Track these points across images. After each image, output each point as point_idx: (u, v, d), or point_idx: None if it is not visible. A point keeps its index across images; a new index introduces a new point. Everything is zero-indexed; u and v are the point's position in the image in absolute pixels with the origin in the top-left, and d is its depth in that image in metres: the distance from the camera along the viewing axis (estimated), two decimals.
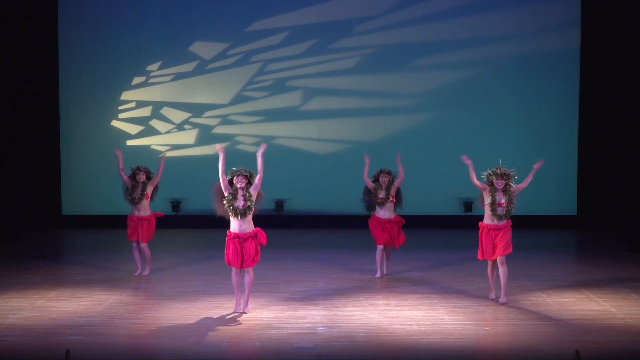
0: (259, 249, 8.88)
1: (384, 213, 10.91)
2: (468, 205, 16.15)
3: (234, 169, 8.96)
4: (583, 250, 14.49)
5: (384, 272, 11.14)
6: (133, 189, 11.05)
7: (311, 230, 16.08)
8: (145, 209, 11.13)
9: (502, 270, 9.29)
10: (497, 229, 9.23)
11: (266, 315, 8.86)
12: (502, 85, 16.40)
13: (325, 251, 13.49)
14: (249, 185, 8.80)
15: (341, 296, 9.86)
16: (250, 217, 8.80)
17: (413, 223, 13.13)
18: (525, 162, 15.80)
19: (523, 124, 16.38)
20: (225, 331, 8.27)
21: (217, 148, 9.05)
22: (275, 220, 16.19)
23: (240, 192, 8.74)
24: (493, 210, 9.21)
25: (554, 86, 16.30)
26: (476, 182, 9.43)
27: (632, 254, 12.97)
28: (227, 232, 8.87)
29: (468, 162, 9.55)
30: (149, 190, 11.07)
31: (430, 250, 13.59)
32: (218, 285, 10.24)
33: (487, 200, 9.27)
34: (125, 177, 11.13)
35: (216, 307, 9.20)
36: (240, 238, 8.76)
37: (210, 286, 10.34)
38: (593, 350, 7.51)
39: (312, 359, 7.30)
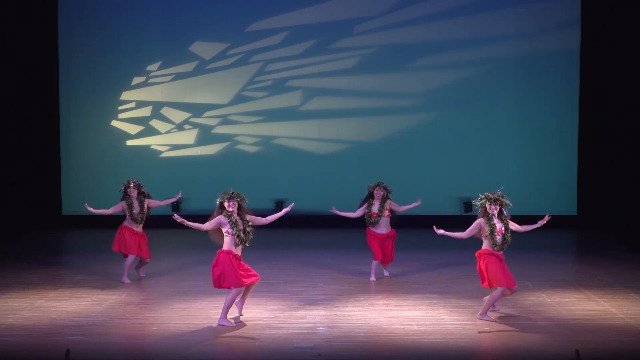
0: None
1: (381, 228, 10.91)
2: (468, 205, 16.14)
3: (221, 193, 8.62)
4: (583, 250, 14.49)
5: (386, 274, 11.12)
6: (131, 208, 10.70)
7: (311, 230, 16.08)
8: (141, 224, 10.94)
9: (495, 295, 8.78)
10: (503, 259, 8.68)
11: (266, 315, 8.86)
12: (502, 85, 16.40)
13: (325, 251, 13.49)
14: (240, 210, 8.51)
15: (341, 296, 9.86)
16: None
17: (413, 223, 13.13)
18: (526, 162, 16.08)
19: (523, 124, 16.38)
20: (225, 331, 8.27)
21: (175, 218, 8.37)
22: (275, 220, 16.15)
23: (239, 220, 8.44)
24: (494, 241, 8.58)
25: (554, 86, 16.30)
26: (469, 232, 8.68)
27: (632, 254, 12.97)
28: (221, 254, 8.45)
29: (440, 232, 8.64)
30: (144, 206, 10.79)
31: (430, 250, 13.58)
32: None
33: (487, 231, 8.60)
34: (117, 208, 10.74)
35: (216, 307, 9.19)
36: (238, 259, 8.48)
37: (210, 286, 10.24)
38: (593, 350, 7.51)
39: (312, 359, 7.30)
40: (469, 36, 16.37)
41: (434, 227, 8.72)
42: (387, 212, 10.84)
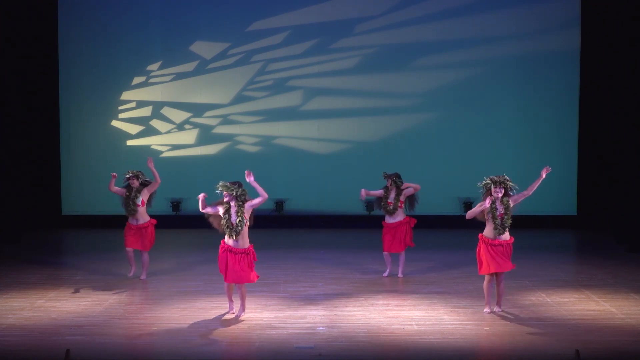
0: (252, 264, 8.63)
1: (394, 218, 10.93)
2: (468, 205, 16.13)
3: (220, 183, 8.70)
4: (583, 250, 14.49)
5: (399, 274, 11.10)
6: (127, 199, 10.64)
7: (311, 230, 16.08)
8: (143, 217, 10.74)
9: (501, 286, 8.93)
10: (499, 244, 8.74)
11: (266, 315, 8.86)
12: (502, 85, 16.40)
13: (325, 251, 13.49)
14: (239, 202, 8.57)
15: (341, 296, 9.86)
16: (245, 232, 8.60)
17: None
18: (526, 162, 16.07)
19: (523, 124, 16.38)
20: (225, 331, 8.27)
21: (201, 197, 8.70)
22: (275, 220, 16.19)
23: (233, 209, 8.56)
24: (495, 224, 8.69)
25: (554, 86, 16.30)
26: (475, 210, 8.84)
27: (632, 254, 12.97)
28: (221, 242, 8.66)
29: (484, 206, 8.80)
30: (145, 196, 10.66)
31: (430, 250, 13.58)
32: (218, 285, 10.21)
33: (488, 213, 8.77)
34: (119, 191, 10.71)
35: (216, 308, 9.19)
36: (232, 252, 8.54)
37: (210, 286, 10.33)
38: (593, 350, 7.51)
39: (312, 359, 7.30)
40: (469, 36, 16.37)
41: None
42: (401, 203, 10.86)
